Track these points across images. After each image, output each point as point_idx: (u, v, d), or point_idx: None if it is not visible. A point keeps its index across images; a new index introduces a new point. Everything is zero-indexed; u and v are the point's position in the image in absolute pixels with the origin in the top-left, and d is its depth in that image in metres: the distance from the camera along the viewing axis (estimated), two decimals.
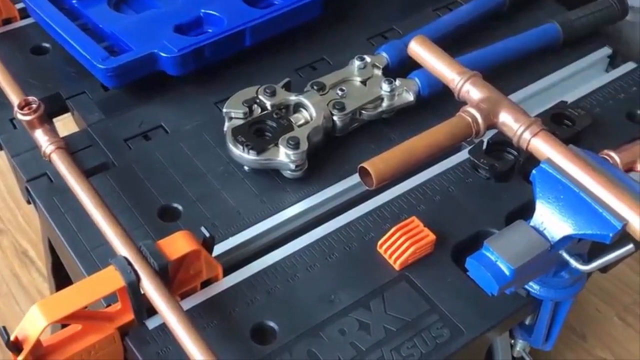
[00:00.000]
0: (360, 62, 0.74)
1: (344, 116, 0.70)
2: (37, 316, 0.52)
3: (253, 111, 0.69)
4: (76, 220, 0.63)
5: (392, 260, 0.61)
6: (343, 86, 0.72)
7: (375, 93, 0.72)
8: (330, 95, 0.71)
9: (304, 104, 0.70)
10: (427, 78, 0.73)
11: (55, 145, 0.63)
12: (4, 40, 0.80)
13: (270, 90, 0.70)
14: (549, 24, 0.82)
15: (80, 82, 0.76)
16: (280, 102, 0.70)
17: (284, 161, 0.66)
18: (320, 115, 0.69)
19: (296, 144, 0.66)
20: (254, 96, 0.70)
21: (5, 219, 1.68)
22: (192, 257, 0.57)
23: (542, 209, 0.56)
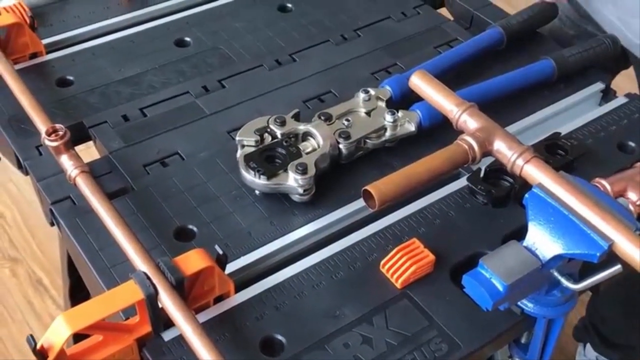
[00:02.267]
0: (365, 95, 0.79)
1: (349, 144, 0.74)
2: (61, 326, 0.56)
3: (264, 139, 0.74)
4: (97, 239, 0.67)
5: (394, 279, 0.65)
6: (349, 117, 0.77)
7: (378, 123, 0.77)
8: (336, 125, 0.76)
9: (311, 133, 0.74)
10: (427, 110, 0.77)
11: (80, 169, 0.67)
12: (31, 73, 0.85)
13: (280, 120, 0.75)
14: (544, 60, 0.86)
15: (102, 112, 0.81)
16: (290, 131, 0.74)
17: (293, 185, 0.70)
18: (327, 143, 0.73)
19: (304, 169, 0.70)
20: (265, 125, 0.74)
21: (20, 248, 1.73)
22: (206, 273, 0.61)
23: (534, 230, 0.60)
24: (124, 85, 0.85)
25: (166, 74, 0.87)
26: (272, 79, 0.87)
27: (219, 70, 0.88)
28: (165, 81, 0.86)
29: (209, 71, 0.88)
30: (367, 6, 0.99)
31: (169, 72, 0.87)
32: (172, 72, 0.87)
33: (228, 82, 0.87)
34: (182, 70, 0.88)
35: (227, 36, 0.93)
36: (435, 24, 0.97)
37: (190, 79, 0.87)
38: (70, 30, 0.93)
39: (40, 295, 1.63)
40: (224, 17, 0.97)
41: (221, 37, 0.93)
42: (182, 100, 0.84)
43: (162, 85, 0.85)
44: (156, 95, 0.84)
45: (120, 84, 0.85)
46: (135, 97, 0.84)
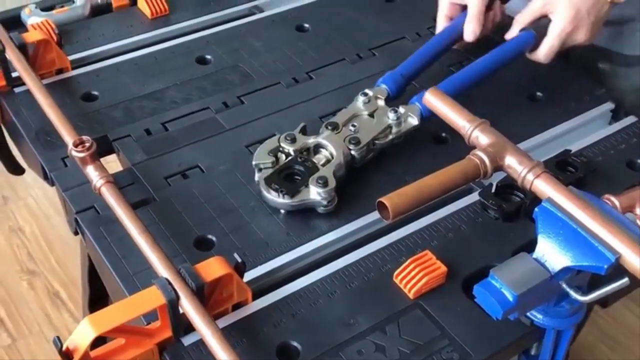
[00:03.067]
0: (365, 97, 0.82)
1: (360, 149, 0.77)
2: (87, 328, 0.58)
3: (279, 159, 0.76)
4: (120, 247, 0.70)
5: (407, 290, 0.67)
6: (354, 122, 0.80)
7: (384, 123, 0.80)
8: (344, 133, 0.78)
9: (322, 145, 0.77)
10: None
11: (105, 179, 0.70)
12: (57, 88, 0.88)
13: (290, 137, 0.77)
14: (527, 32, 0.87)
15: (126, 126, 0.84)
16: (302, 147, 0.77)
17: (317, 199, 0.73)
18: (340, 152, 0.76)
19: (325, 182, 0.73)
20: (277, 145, 0.77)
21: (38, 261, 1.76)
22: (225, 280, 0.63)
23: (543, 242, 0.62)
24: (147, 100, 0.88)
25: (187, 90, 0.90)
26: (290, 96, 0.90)
27: (238, 87, 0.90)
28: (186, 97, 0.89)
29: (228, 88, 0.90)
30: (383, 27, 1.02)
31: (190, 89, 0.90)
32: (194, 88, 0.90)
33: (247, 98, 0.89)
34: (203, 87, 0.90)
35: (247, 54, 0.96)
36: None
37: (211, 95, 0.89)
38: (95, 47, 0.97)
39: (57, 309, 1.66)
40: (243, 36, 1.00)
41: (241, 56, 0.96)
42: (202, 115, 0.86)
43: (183, 101, 0.88)
44: (178, 110, 0.87)
45: (143, 99, 0.88)
46: (157, 112, 0.86)
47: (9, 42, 0.86)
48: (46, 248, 1.79)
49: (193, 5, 1.05)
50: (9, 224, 1.85)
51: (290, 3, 1.07)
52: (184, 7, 1.04)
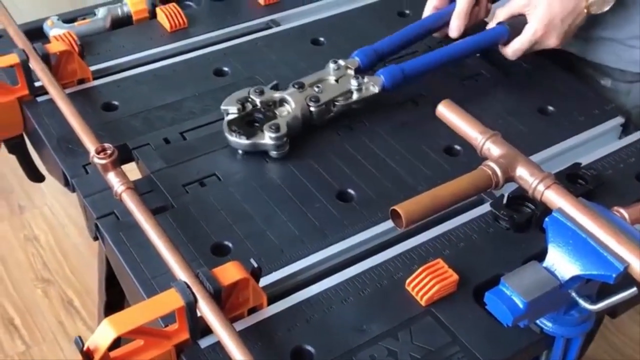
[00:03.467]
0: (335, 65, 0.89)
1: (318, 107, 0.85)
2: (107, 329, 0.59)
3: (245, 108, 0.84)
4: (139, 252, 0.72)
5: (419, 297, 0.68)
6: (319, 84, 0.87)
7: (345, 87, 0.87)
8: (308, 92, 0.86)
9: (286, 100, 0.85)
10: (390, 74, 0.88)
11: (126, 185, 0.72)
12: (78, 97, 0.90)
13: (259, 90, 0.85)
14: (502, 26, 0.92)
15: (145, 135, 0.86)
16: (267, 99, 0.85)
17: (269, 143, 0.82)
18: (299, 107, 0.84)
19: (277, 128, 0.81)
20: (246, 95, 0.85)
21: (53, 270, 1.78)
22: (241, 284, 0.65)
23: (553, 252, 0.63)
24: (166, 110, 0.90)
25: (205, 101, 0.92)
26: None
27: None
28: (204, 107, 0.91)
29: None
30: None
31: (208, 99, 0.92)
32: (211, 99, 0.92)
33: None
34: (220, 98, 0.91)
35: (263, 67, 0.98)
36: None
37: None
38: (116, 58, 0.99)
39: (71, 317, 1.68)
40: (260, 49, 1.02)
41: (257, 68, 0.98)
42: (219, 125, 0.88)
43: (201, 111, 0.90)
44: (195, 120, 0.89)
45: (162, 109, 0.90)
46: (176, 122, 0.89)
47: (32, 53, 0.88)
48: (61, 257, 1.81)
49: (211, 18, 1.07)
50: (25, 232, 1.87)
51: (306, 17, 1.09)
52: (202, 21, 1.06)
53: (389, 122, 0.90)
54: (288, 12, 1.10)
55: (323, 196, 0.79)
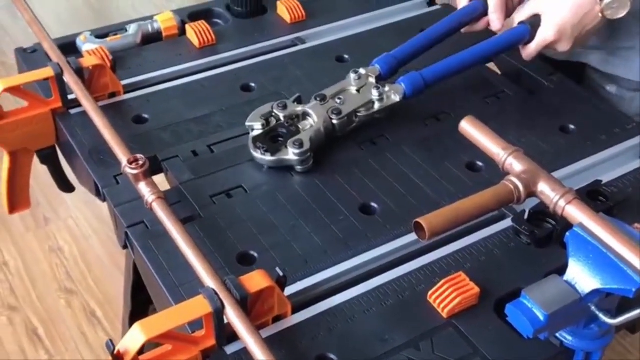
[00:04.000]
0: (355, 75, 0.91)
1: (341, 119, 0.87)
2: (137, 333, 0.61)
3: (270, 123, 0.86)
4: (168, 260, 0.74)
5: (441, 309, 0.70)
6: (341, 95, 0.89)
7: (367, 98, 0.89)
8: (330, 104, 0.88)
9: (308, 113, 0.87)
10: (411, 81, 0.89)
11: (156, 195, 0.74)
12: (109, 110, 0.93)
13: (282, 104, 0.87)
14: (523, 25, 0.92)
15: (174, 147, 0.89)
16: (291, 113, 0.87)
17: (293, 159, 0.84)
18: (321, 120, 0.86)
19: (300, 144, 0.83)
20: (270, 110, 0.87)
21: (76, 281, 1.81)
22: (267, 293, 0.66)
23: (573, 266, 0.64)
24: (194, 124, 0.93)
25: (232, 115, 0.94)
26: None
27: None
28: (231, 122, 0.93)
29: None
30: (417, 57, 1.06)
31: (235, 114, 0.95)
32: (238, 113, 0.94)
33: None
34: (246, 112, 0.94)
35: (289, 83, 1.01)
36: (484, 77, 1.03)
37: None
38: (146, 73, 1.02)
39: (93, 327, 1.70)
40: (286, 66, 1.04)
41: (283, 84, 1.00)
42: (246, 139, 0.90)
43: (228, 125, 0.93)
44: (223, 133, 0.91)
45: (190, 123, 0.93)
46: (204, 135, 0.91)
47: (66, 66, 0.91)
48: (84, 268, 1.84)
49: (239, 36, 1.10)
50: (49, 244, 1.90)
51: (331, 35, 1.11)
52: (230, 38, 1.09)
53: (411, 137, 0.91)
54: (313, 30, 1.12)
55: (347, 209, 0.81)
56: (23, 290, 1.78)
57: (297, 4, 1.13)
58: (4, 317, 1.71)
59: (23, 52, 1.06)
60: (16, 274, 1.82)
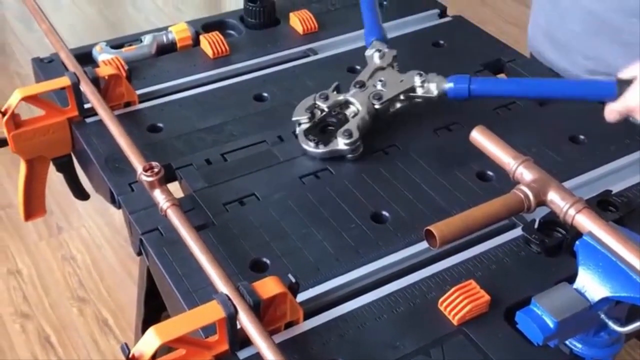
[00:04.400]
0: (379, 53, 0.95)
1: (383, 104, 0.90)
2: (152, 337, 0.62)
3: (314, 115, 0.89)
4: (181, 266, 0.75)
5: (451, 316, 0.70)
6: (382, 77, 0.91)
7: (408, 84, 0.91)
8: (370, 90, 0.91)
9: (350, 101, 0.90)
10: (456, 83, 0.89)
11: (171, 202, 0.75)
12: (125, 119, 0.94)
13: (324, 96, 0.90)
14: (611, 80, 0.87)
15: (188, 156, 0.90)
16: (333, 103, 0.90)
17: (344, 149, 0.87)
18: (365, 108, 0.89)
19: (350, 134, 0.86)
20: (313, 103, 0.90)
21: (88, 289, 1.82)
22: (280, 299, 0.67)
23: (583, 274, 0.65)
24: (207, 133, 0.94)
25: (245, 125, 0.96)
26: None
27: (292, 123, 0.95)
28: (244, 131, 0.95)
29: (283, 123, 0.95)
30: (430, 70, 1.06)
31: (248, 123, 0.96)
32: (251, 123, 0.96)
33: None
34: (259, 122, 0.96)
35: (300, 93, 1.01)
36: None
37: (267, 130, 0.95)
38: (161, 83, 1.03)
39: (105, 336, 1.71)
40: (297, 76, 1.06)
41: (295, 94, 1.01)
42: (259, 147, 0.92)
43: (241, 134, 0.94)
44: (236, 142, 0.93)
45: (204, 132, 0.94)
46: (217, 144, 0.92)
47: (83, 76, 0.93)
48: (96, 277, 1.85)
49: (252, 47, 1.12)
50: (62, 252, 1.92)
51: (342, 46, 1.12)
52: (243, 49, 1.11)
53: (422, 146, 0.92)
54: (325, 42, 1.14)
55: (358, 217, 0.82)
56: (36, 298, 1.79)
57: (310, 16, 1.15)
58: (17, 324, 1.73)
59: (40, 61, 1.07)
60: (29, 282, 1.84)
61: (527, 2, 1.26)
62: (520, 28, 2.51)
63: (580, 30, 1.06)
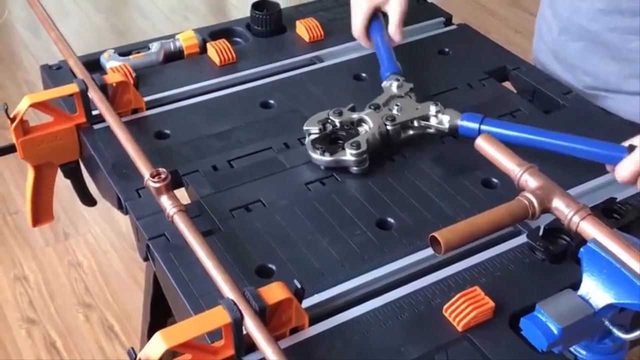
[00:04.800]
0: (398, 82, 0.97)
1: (395, 125, 0.91)
2: (158, 342, 0.63)
3: (326, 128, 0.91)
4: (188, 272, 0.75)
5: (456, 323, 0.70)
6: (398, 102, 0.93)
7: (423, 111, 0.93)
8: (384, 112, 0.93)
9: (364, 119, 0.92)
10: (468, 121, 0.90)
11: (178, 208, 0.76)
12: (132, 125, 0.95)
13: (338, 111, 0.92)
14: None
15: (195, 162, 0.91)
16: (346, 120, 0.91)
17: (350, 159, 0.87)
18: (376, 125, 0.91)
19: (358, 145, 0.87)
20: (326, 117, 0.92)
21: (94, 295, 1.83)
22: (285, 304, 0.68)
23: (587, 281, 0.65)
24: (214, 139, 0.95)
25: (251, 131, 0.96)
26: None
27: (298, 130, 0.96)
28: (250, 137, 0.95)
29: (289, 130, 0.96)
30: (436, 77, 1.08)
31: (254, 130, 0.97)
32: (257, 130, 0.97)
33: None
34: (265, 129, 0.97)
35: (307, 100, 1.02)
36: (499, 95, 1.04)
37: (273, 137, 0.95)
38: (168, 90, 1.04)
39: (111, 341, 1.72)
40: (304, 84, 1.06)
41: (301, 101, 1.02)
42: (265, 154, 0.92)
43: (247, 141, 0.95)
44: (242, 149, 0.93)
45: (210, 139, 0.95)
46: (224, 150, 0.93)
47: (91, 83, 0.94)
48: (102, 283, 1.86)
49: (258, 54, 1.12)
50: (69, 258, 1.93)
51: (349, 54, 1.13)
52: (250, 56, 1.11)
53: (428, 154, 0.93)
54: (331, 49, 1.14)
55: (363, 224, 0.82)
56: (42, 304, 1.80)
57: (316, 24, 1.16)
58: (23, 330, 1.74)
59: (48, 68, 1.08)
60: (35, 287, 1.85)
61: (533, 10, 1.27)
62: (525, 37, 2.52)
63: (580, 48, 1.08)
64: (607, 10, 1.01)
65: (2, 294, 1.82)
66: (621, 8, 1.00)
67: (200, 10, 3.18)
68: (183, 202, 0.82)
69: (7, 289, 1.84)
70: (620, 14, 1.00)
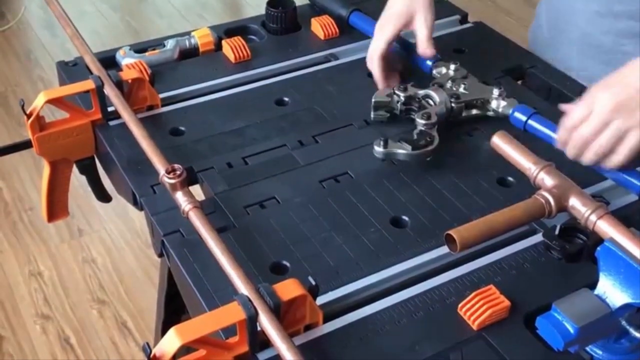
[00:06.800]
0: (455, 65, 1.00)
1: (459, 104, 0.94)
2: (173, 337, 0.63)
3: (392, 100, 0.95)
4: (202, 268, 0.75)
5: (471, 321, 0.70)
6: (465, 82, 0.96)
7: (487, 94, 0.96)
8: (449, 90, 0.95)
9: (430, 95, 0.94)
10: (518, 117, 0.92)
11: (193, 204, 0.76)
12: (147, 122, 0.95)
13: (403, 87, 0.95)
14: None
15: (210, 159, 0.91)
16: (412, 95, 0.94)
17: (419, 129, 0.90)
18: (443, 101, 0.93)
19: (428, 116, 0.90)
20: (392, 91, 0.95)
21: (108, 292, 1.84)
22: (299, 301, 0.67)
23: (604, 280, 0.65)
24: (229, 136, 0.95)
25: (266, 129, 0.96)
26: (361, 137, 0.95)
27: (313, 127, 0.96)
28: (265, 135, 0.95)
29: (304, 128, 0.96)
30: None
31: (269, 127, 0.97)
32: (272, 127, 0.97)
33: (321, 138, 0.95)
34: (280, 126, 0.97)
35: (322, 98, 1.02)
36: (515, 93, 1.03)
37: (288, 134, 0.95)
38: (183, 87, 1.04)
39: (124, 338, 1.73)
40: (319, 81, 1.06)
41: (316, 99, 1.02)
42: (279, 152, 0.92)
43: (262, 138, 0.95)
44: (257, 146, 0.93)
45: (225, 136, 0.95)
46: (238, 148, 0.93)
47: (107, 79, 0.94)
48: (116, 279, 1.87)
49: (273, 52, 1.12)
50: (83, 255, 1.94)
51: (363, 52, 1.12)
52: (265, 54, 1.11)
53: (443, 153, 0.92)
54: (346, 47, 1.14)
55: (378, 222, 0.82)
56: (56, 300, 1.81)
57: (331, 21, 1.15)
58: (38, 325, 1.75)
59: (64, 65, 1.09)
60: (50, 283, 1.86)
61: None
62: None
63: (576, 50, 1.08)
64: (602, 12, 1.02)
65: (17, 290, 1.84)
66: (614, 11, 1.00)
67: (216, 9, 3.19)
68: (198, 199, 0.82)
69: (22, 285, 1.85)
70: (614, 17, 1.01)
